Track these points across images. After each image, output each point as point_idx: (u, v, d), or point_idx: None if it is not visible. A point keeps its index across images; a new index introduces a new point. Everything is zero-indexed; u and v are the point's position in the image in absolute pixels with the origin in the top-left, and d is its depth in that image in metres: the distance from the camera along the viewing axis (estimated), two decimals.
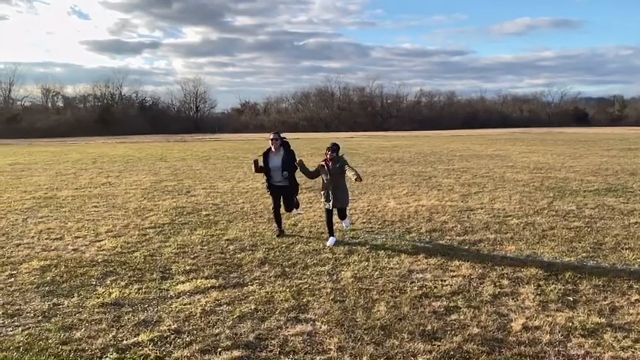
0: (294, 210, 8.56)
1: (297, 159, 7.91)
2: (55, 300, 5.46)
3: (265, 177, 8.15)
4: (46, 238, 8.20)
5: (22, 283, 6.00)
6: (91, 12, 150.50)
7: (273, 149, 7.99)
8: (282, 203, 8.22)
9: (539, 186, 13.29)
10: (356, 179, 7.30)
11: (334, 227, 7.84)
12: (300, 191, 8.93)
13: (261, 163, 8.01)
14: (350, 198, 7.77)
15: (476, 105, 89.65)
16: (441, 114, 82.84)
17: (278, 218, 8.30)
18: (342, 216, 7.99)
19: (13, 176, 17.14)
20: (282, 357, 4.21)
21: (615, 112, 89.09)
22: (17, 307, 5.27)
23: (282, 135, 8.16)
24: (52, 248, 7.60)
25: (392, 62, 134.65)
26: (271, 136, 8.07)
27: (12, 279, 6.16)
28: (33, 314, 5.09)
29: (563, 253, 7.04)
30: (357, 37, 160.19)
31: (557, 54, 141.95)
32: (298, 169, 7.85)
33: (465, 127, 70.11)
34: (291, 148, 8.19)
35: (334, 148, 7.60)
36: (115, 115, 69.72)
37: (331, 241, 7.60)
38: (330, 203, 7.62)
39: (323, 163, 7.68)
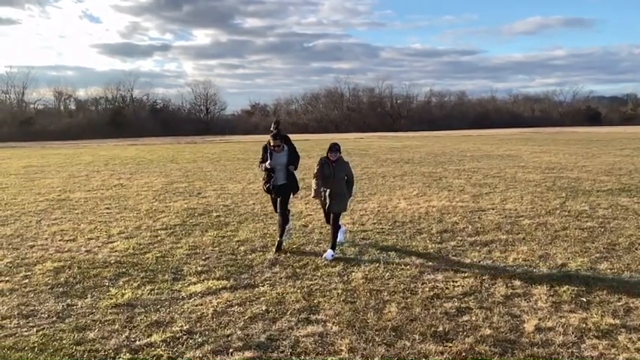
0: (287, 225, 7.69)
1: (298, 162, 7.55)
2: (68, 301, 5.53)
3: (266, 177, 7.53)
4: (59, 240, 8.30)
5: (37, 284, 6.07)
6: (102, 15, 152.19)
7: (275, 149, 7.42)
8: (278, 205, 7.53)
9: (551, 186, 13.18)
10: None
11: (343, 228, 7.66)
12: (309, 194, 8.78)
13: (267, 164, 7.40)
14: (349, 203, 7.43)
15: (487, 105, 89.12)
16: (452, 114, 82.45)
17: (284, 220, 7.52)
18: (336, 224, 7.18)
19: (26, 178, 17.35)
20: (293, 358, 4.22)
21: (628, 111, 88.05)
22: (32, 308, 5.33)
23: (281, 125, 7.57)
24: (66, 250, 7.68)
25: (402, 63, 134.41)
26: (272, 143, 7.33)
27: (26, 280, 6.24)
28: (47, 315, 5.15)
29: (576, 254, 6.97)
30: (366, 38, 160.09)
31: (570, 53, 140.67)
32: (299, 167, 7.68)
33: (475, 127, 69.69)
34: (292, 142, 7.66)
35: (336, 147, 7.20)
36: (126, 117, 70.34)
37: (340, 236, 7.31)
38: (327, 206, 7.22)
39: (326, 161, 7.21)
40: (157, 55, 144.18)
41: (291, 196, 7.76)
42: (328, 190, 7.16)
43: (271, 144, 7.38)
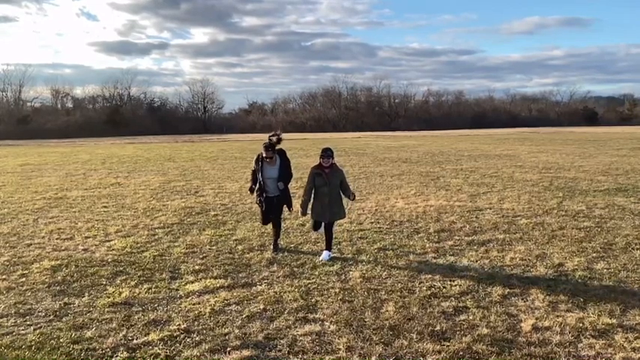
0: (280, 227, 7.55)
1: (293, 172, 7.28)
2: (65, 299, 5.52)
3: (258, 188, 7.25)
4: (56, 238, 8.27)
5: (34, 283, 6.06)
6: (100, 13, 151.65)
7: (266, 161, 7.19)
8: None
9: (548, 186, 13.21)
10: (348, 197, 6.95)
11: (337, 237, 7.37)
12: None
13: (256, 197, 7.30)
14: (346, 209, 7.12)
15: (484, 104, 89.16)
16: (449, 114, 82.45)
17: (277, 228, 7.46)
18: (330, 233, 7.03)
19: (23, 177, 17.30)
20: (291, 357, 4.22)
21: (625, 111, 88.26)
22: (29, 307, 5.32)
23: (279, 134, 7.21)
24: (63, 248, 7.67)
25: (400, 62, 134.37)
26: (264, 154, 7.08)
27: (23, 279, 6.23)
28: (44, 313, 5.14)
29: (573, 254, 6.99)
30: (364, 37, 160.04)
31: (567, 53, 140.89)
32: (292, 180, 7.37)
33: (473, 127, 69.72)
34: (288, 156, 7.37)
35: (329, 153, 6.80)
36: (123, 115, 70.09)
37: (325, 255, 6.90)
38: (325, 218, 6.92)
39: (318, 170, 6.86)
40: (155, 54, 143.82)
41: (284, 211, 7.52)
42: (327, 200, 6.81)
43: (263, 155, 7.14)
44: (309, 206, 6.98)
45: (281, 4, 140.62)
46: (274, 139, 7.18)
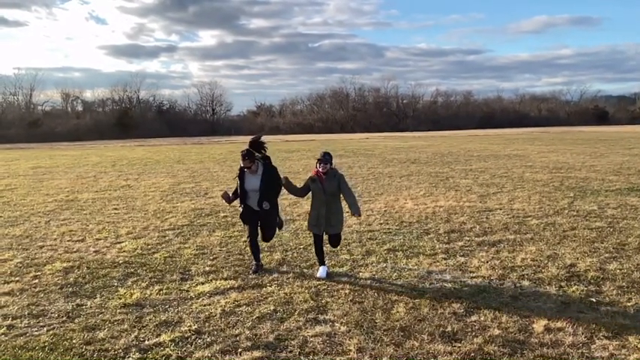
0: (277, 231, 6.78)
1: (282, 176, 6.39)
2: (78, 301, 5.56)
3: (240, 200, 6.52)
4: (68, 240, 8.35)
5: (46, 284, 6.11)
6: (108, 17, 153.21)
7: (247, 170, 6.35)
8: (259, 232, 6.57)
9: (559, 186, 13.11)
10: (353, 214, 6.19)
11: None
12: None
13: (233, 190, 6.66)
14: (345, 221, 6.55)
15: (493, 104, 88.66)
16: (458, 114, 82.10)
17: (255, 249, 6.55)
18: (336, 243, 6.49)
19: (35, 179, 17.47)
20: (301, 358, 4.23)
21: (637, 110, 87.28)
22: (42, 308, 5.37)
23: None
24: (75, 250, 7.73)
25: (407, 62, 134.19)
26: (242, 163, 6.29)
27: (36, 280, 6.29)
28: (57, 315, 5.19)
29: (585, 254, 6.93)
30: (372, 38, 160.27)
31: (576, 52, 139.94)
32: (282, 189, 6.46)
33: (482, 127, 69.41)
34: (273, 164, 6.47)
35: (326, 158, 6.16)
36: (133, 118, 70.56)
37: (322, 271, 6.23)
38: (322, 228, 6.22)
39: (315, 176, 6.23)
40: (163, 56, 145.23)
41: (277, 230, 6.71)
42: (324, 210, 6.15)
43: (241, 164, 6.35)
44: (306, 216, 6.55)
45: (288, 6, 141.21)
46: (259, 154, 6.39)
